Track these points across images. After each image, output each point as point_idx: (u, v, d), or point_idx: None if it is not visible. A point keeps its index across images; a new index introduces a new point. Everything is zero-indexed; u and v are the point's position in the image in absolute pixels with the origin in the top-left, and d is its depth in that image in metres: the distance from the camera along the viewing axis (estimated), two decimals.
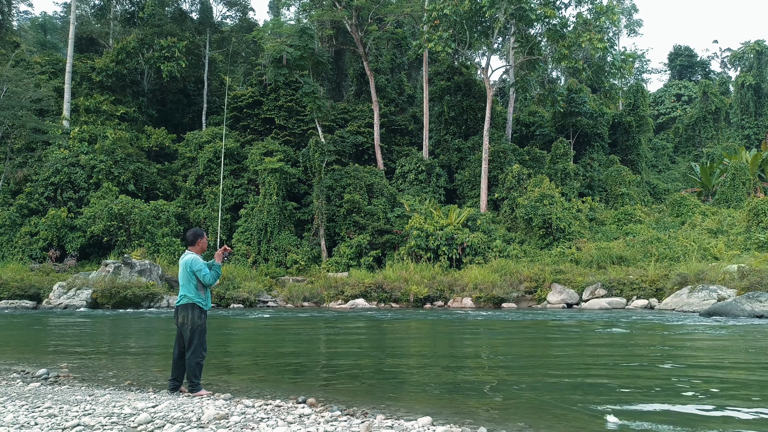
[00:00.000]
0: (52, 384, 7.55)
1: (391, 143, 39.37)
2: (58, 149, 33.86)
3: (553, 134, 40.75)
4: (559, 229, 30.12)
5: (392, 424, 5.19)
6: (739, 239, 27.74)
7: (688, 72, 65.09)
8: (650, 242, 27.91)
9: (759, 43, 49.42)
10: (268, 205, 32.35)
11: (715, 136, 48.90)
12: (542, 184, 31.97)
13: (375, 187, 33.84)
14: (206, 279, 6.76)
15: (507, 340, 13.59)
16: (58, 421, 5.11)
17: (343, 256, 30.65)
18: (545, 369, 9.00)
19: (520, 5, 31.46)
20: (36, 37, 57.27)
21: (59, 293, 25.34)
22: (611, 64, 35.36)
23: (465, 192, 36.13)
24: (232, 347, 12.76)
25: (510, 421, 5.65)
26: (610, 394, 6.88)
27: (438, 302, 26.04)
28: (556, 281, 25.39)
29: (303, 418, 5.40)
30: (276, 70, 35.75)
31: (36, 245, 30.98)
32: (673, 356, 10.05)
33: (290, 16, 54.92)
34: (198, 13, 46.29)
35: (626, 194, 36.14)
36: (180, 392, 6.79)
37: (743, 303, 17.67)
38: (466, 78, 39.56)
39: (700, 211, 32.75)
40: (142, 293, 25.08)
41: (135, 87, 42.36)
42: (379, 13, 38.47)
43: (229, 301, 26.40)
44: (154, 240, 31.07)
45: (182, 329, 6.78)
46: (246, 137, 38.68)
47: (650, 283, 23.80)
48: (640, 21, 67.83)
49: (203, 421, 5.14)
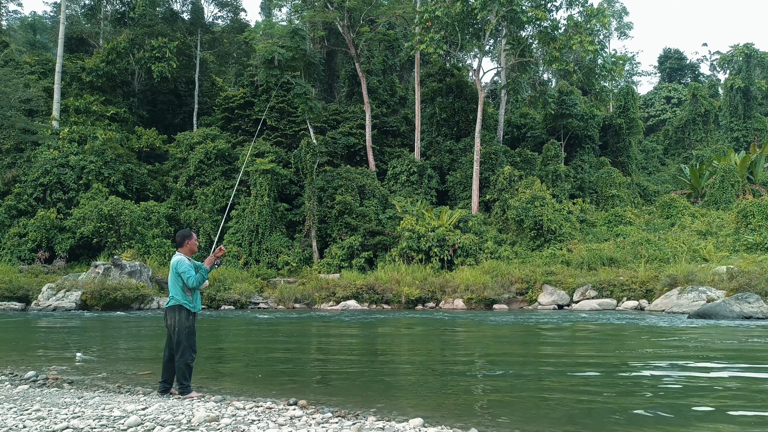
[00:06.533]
0: (41, 387, 7.50)
1: (382, 144, 39.38)
2: (48, 150, 33.59)
3: (544, 136, 40.90)
4: (550, 230, 30.25)
5: (383, 426, 5.19)
6: (728, 241, 27.96)
7: (678, 75, 65.57)
8: (640, 244, 28.08)
9: (748, 46, 49.82)
10: (260, 206, 32.25)
11: (705, 139, 49.25)
12: (533, 186, 32.09)
13: (367, 188, 33.82)
14: (190, 282, 6.71)
15: (498, 341, 13.61)
16: (46, 424, 5.07)
17: (335, 258, 30.61)
18: (536, 370, 9.03)
19: (512, 7, 31.58)
20: (25, 36, 56.79)
21: (48, 295, 25.13)
22: (602, 66, 35.58)
23: (456, 193, 36.20)
24: (223, 349, 12.72)
25: (501, 422, 5.66)
26: (600, 395, 6.91)
27: (429, 303, 26.06)
28: (547, 282, 25.48)
29: (294, 420, 5.39)
30: (267, 71, 35.67)
31: (25, 246, 30.72)
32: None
33: (282, 17, 54.85)
34: (189, 13, 46.07)
35: (616, 196, 36.34)
36: (170, 394, 6.76)
37: (732, 304, 17.80)
38: (457, 80, 39.64)
39: (689, 212, 32.99)
40: (132, 295, 24.92)
41: (125, 87, 42.11)
42: (371, 14, 38.49)
43: (220, 302, 26.30)
44: (144, 241, 30.89)
45: (170, 331, 6.76)
46: (237, 138, 38.57)
47: (640, 284, 23.94)
48: (630, 24, 68.17)
49: (193, 423, 5.12)
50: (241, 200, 33.50)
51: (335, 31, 41.33)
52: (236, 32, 46.36)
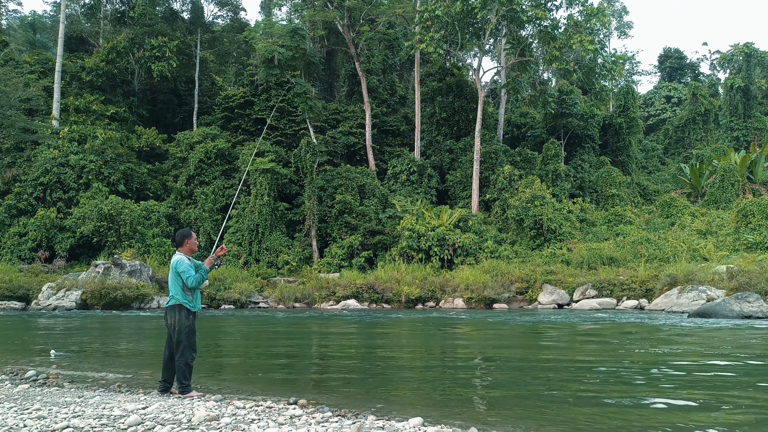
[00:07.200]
0: (41, 386, 7.50)
1: (382, 144, 39.38)
2: (48, 149, 33.59)
3: (544, 135, 40.91)
4: (550, 230, 30.25)
5: (383, 425, 5.19)
6: (728, 240, 27.97)
7: (678, 74, 65.58)
8: (640, 243, 28.08)
9: (748, 45, 49.81)
10: (260, 205, 32.26)
11: (705, 138, 49.26)
12: (533, 185, 32.09)
13: (367, 187, 33.83)
14: (189, 281, 6.72)
15: (498, 340, 13.62)
16: (47, 423, 5.08)
17: (335, 257, 30.62)
18: (536, 369, 9.03)
19: (512, 7, 31.57)
20: (25, 36, 56.79)
21: (48, 294, 25.14)
22: (602, 65, 35.56)
23: (456, 193, 36.20)
24: (223, 348, 12.72)
25: (500, 421, 5.66)
26: (598, 394, 6.92)
27: (429, 303, 26.06)
28: (547, 282, 25.48)
29: (294, 419, 5.40)
30: (267, 71, 35.66)
31: (25, 246, 30.73)
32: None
33: (282, 17, 54.94)
34: (189, 12, 46.07)
35: (616, 195, 36.35)
36: (170, 394, 6.76)
37: (732, 303, 17.81)
38: (457, 79, 39.64)
39: (689, 212, 32.99)
40: (132, 294, 24.93)
41: (125, 87, 42.11)
42: (371, 13, 38.48)
43: (220, 302, 26.31)
44: (144, 241, 30.90)
45: (170, 330, 6.77)
46: (237, 137, 38.58)
47: (640, 283, 23.93)
48: (630, 23, 68.20)
49: (194, 422, 5.13)
50: (241, 200, 33.51)
51: (335, 31, 41.33)
52: (236, 31, 46.37)
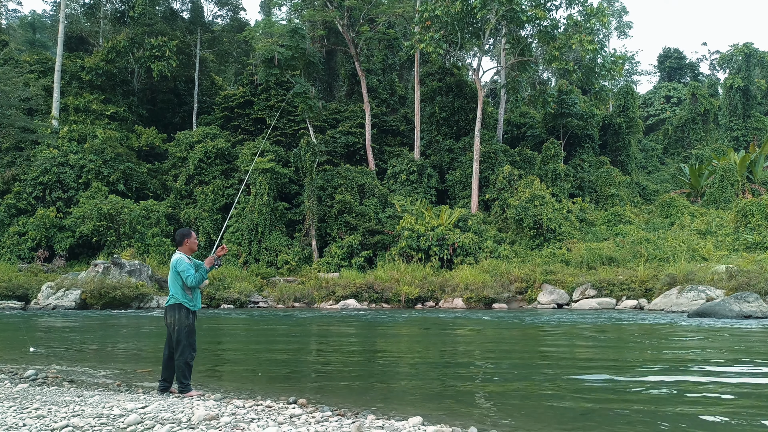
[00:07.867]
0: (41, 385, 7.50)
1: (382, 144, 39.39)
2: (47, 149, 33.58)
3: (543, 135, 40.93)
4: (549, 229, 30.26)
5: (383, 425, 5.19)
6: (727, 240, 27.98)
7: (678, 74, 65.61)
8: (640, 243, 28.09)
9: (747, 45, 49.81)
10: (259, 205, 32.26)
11: (704, 138, 49.28)
12: (533, 185, 32.10)
13: (366, 187, 33.83)
14: (189, 280, 6.72)
15: (497, 340, 13.62)
16: (46, 422, 5.08)
17: (335, 257, 30.62)
18: (535, 369, 9.03)
19: (511, 7, 31.57)
20: (25, 35, 56.82)
21: (48, 294, 25.13)
22: (601, 65, 35.58)
23: (456, 193, 36.21)
24: (222, 348, 12.72)
25: (500, 421, 5.66)
26: (598, 392, 6.92)
27: (429, 303, 26.06)
28: (546, 282, 25.49)
29: (294, 418, 5.40)
30: (267, 70, 35.65)
31: (24, 245, 30.72)
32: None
33: (281, 16, 54.90)
34: (189, 12, 46.10)
35: (616, 195, 36.36)
36: (170, 393, 6.76)
37: (731, 303, 17.81)
38: (457, 79, 39.65)
39: (689, 212, 32.99)
40: (131, 294, 24.92)
41: (125, 86, 42.09)
42: (371, 13, 38.48)
43: (219, 301, 26.30)
44: (143, 240, 30.89)
45: (170, 330, 6.77)
46: (237, 137, 38.57)
47: (640, 283, 23.93)
48: (630, 23, 68.30)
49: (193, 421, 5.13)
50: (241, 199, 33.52)
51: (335, 30, 41.33)
52: (236, 31, 46.40)
